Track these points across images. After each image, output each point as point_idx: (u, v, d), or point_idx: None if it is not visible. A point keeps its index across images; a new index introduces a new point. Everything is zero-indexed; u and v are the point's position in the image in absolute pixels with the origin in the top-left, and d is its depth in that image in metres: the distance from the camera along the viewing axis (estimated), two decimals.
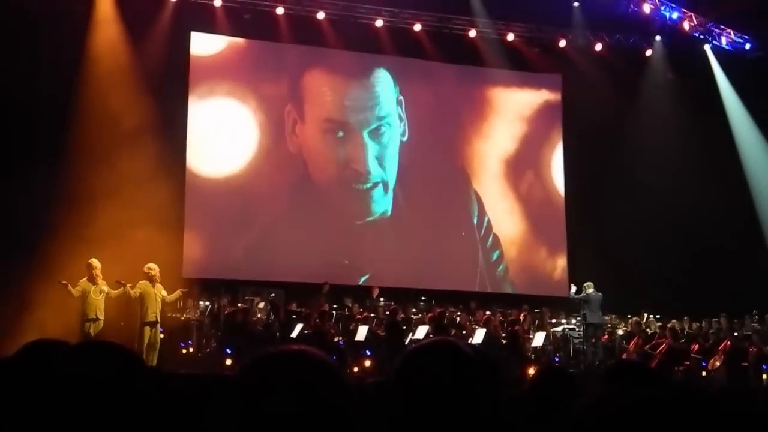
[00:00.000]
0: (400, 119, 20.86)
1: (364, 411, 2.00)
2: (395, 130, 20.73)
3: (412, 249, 20.17)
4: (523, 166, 21.71)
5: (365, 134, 20.35)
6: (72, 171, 16.50)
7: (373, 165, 20.31)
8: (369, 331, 15.97)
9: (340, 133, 20.14)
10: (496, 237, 21.15)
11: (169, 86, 18.26)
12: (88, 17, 17.81)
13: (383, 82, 20.90)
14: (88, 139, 16.67)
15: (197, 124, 19.07)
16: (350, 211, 20.01)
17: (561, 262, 21.45)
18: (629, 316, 19.01)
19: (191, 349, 16.06)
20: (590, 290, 17.48)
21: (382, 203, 20.34)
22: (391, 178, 20.50)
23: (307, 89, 20.07)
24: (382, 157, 20.46)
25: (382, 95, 20.82)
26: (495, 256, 21.09)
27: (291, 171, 19.69)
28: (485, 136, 21.52)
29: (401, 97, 20.93)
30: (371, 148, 20.34)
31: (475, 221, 21.08)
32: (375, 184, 20.28)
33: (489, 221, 21.16)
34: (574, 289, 18.39)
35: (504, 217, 21.33)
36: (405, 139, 20.79)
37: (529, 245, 21.43)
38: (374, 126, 20.48)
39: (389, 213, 20.34)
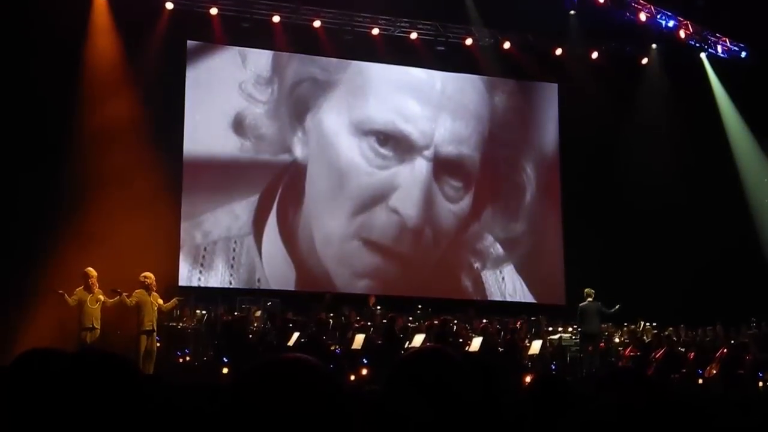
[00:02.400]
0: None
1: (361, 419, 2.00)
2: None
3: (410, 256, 20.16)
4: (519, 174, 21.69)
5: None
6: (68, 179, 16.53)
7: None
8: (366, 339, 15.95)
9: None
10: (492, 245, 21.12)
11: (165, 95, 18.27)
12: (84, 25, 17.81)
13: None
14: (82, 148, 16.68)
15: (194, 131, 19.06)
16: (348, 218, 19.97)
17: (558, 271, 21.41)
18: (625, 324, 18.97)
19: (188, 358, 16.02)
20: (590, 299, 17.31)
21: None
22: None
23: (306, 97, 20.03)
24: None
25: None
26: (492, 264, 21.05)
27: (289, 179, 19.66)
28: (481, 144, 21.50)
29: None
30: None
31: (471, 229, 21.02)
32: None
33: (485, 229, 21.12)
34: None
35: (500, 225, 21.31)
36: None
37: (526, 253, 21.38)
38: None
39: (387, 221, 20.27)
